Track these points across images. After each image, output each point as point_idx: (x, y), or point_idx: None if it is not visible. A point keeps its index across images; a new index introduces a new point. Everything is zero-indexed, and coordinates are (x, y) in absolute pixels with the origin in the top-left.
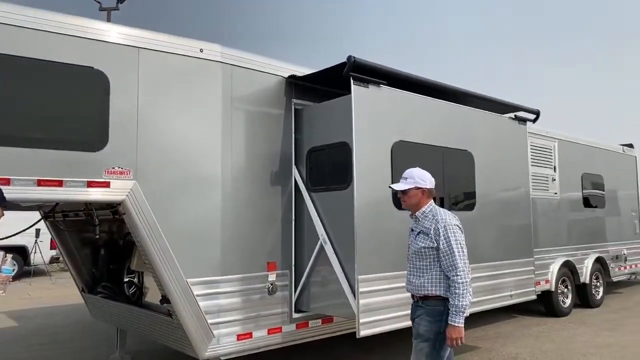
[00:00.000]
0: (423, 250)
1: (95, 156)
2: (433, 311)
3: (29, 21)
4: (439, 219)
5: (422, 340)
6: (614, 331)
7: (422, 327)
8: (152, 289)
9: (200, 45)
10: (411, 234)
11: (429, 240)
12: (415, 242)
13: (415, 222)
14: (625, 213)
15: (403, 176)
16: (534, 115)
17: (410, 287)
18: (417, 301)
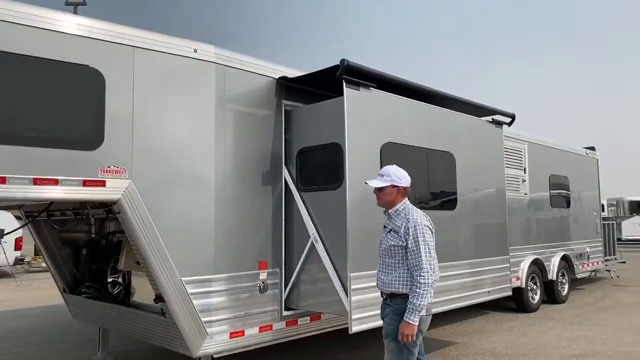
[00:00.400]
0: (392, 248)
1: (91, 155)
2: (399, 310)
3: (25, 18)
4: (410, 218)
5: (392, 339)
6: (581, 325)
7: (390, 326)
8: (140, 288)
9: (194, 46)
10: (383, 230)
11: (398, 238)
12: (385, 239)
13: (388, 219)
14: (587, 213)
15: (379, 173)
16: (510, 118)
17: (379, 283)
18: (386, 299)
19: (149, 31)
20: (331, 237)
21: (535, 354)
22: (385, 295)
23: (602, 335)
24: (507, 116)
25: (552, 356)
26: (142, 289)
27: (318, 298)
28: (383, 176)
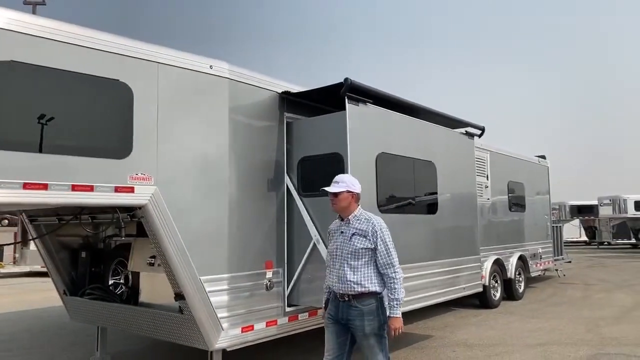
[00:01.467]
0: (361, 251)
1: (121, 163)
2: (370, 310)
3: (64, 35)
4: (374, 222)
5: (370, 337)
6: (538, 318)
7: (368, 327)
8: (149, 288)
9: (210, 62)
10: (340, 236)
11: (367, 241)
12: (350, 243)
13: (346, 224)
14: (540, 216)
15: (335, 180)
16: (480, 130)
17: (343, 286)
18: (349, 300)
19: (171, 49)
20: None
21: (504, 344)
22: (349, 297)
23: (558, 327)
24: (477, 128)
25: (519, 345)
26: (152, 289)
27: (319, 295)
28: (339, 183)
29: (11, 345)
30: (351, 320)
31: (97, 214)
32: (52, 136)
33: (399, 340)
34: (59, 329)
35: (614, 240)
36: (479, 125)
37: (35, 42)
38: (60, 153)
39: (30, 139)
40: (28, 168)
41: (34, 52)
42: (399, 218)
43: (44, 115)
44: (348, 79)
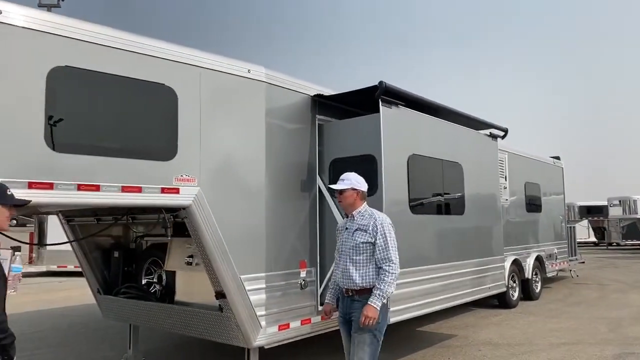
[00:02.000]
0: (362, 246)
1: (167, 165)
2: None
3: (114, 41)
4: (376, 217)
5: (363, 332)
6: (558, 318)
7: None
8: (185, 286)
9: (248, 66)
10: (345, 232)
11: (367, 235)
12: (352, 238)
13: (351, 220)
14: (555, 217)
15: (341, 178)
16: (503, 132)
17: (347, 281)
18: (353, 295)
19: (211, 53)
20: None
21: (529, 344)
22: (352, 292)
23: (580, 326)
24: (500, 130)
25: (544, 345)
26: (188, 287)
27: None
28: (344, 180)
29: (40, 344)
30: (351, 313)
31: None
32: (103, 139)
33: (423, 339)
34: (85, 327)
35: (623, 241)
36: (502, 127)
37: (88, 48)
38: (111, 155)
39: (83, 142)
40: (82, 170)
41: (86, 58)
42: (430, 219)
43: (95, 119)
44: (383, 82)
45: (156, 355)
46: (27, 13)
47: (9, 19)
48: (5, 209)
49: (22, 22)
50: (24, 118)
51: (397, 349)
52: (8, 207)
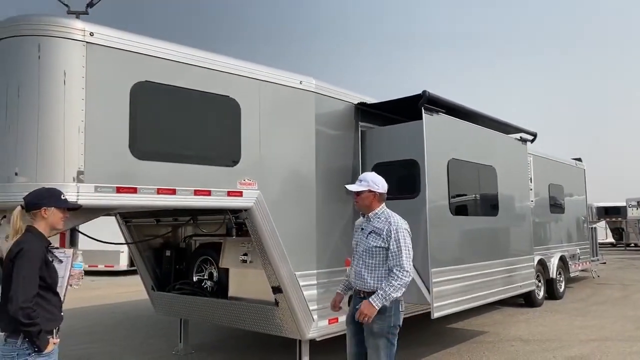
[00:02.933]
0: (374, 249)
1: (232, 170)
2: (382, 309)
3: (185, 57)
4: (392, 221)
5: (377, 337)
6: (584, 316)
7: (376, 326)
8: (239, 283)
9: (300, 78)
10: (361, 232)
11: (380, 240)
12: (366, 240)
13: (367, 222)
14: (577, 218)
15: (358, 179)
16: (532, 136)
17: (359, 282)
18: (365, 297)
19: (268, 67)
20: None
21: (559, 340)
22: (365, 294)
23: (606, 324)
24: (530, 134)
25: (573, 341)
26: (242, 284)
27: None
28: (361, 181)
29: (93, 338)
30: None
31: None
32: (178, 147)
33: (455, 336)
34: (131, 323)
35: None
36: (531, 131)
37: (164, 64)
38: (185, 162)
39: (161, 150)
40: (160, 175)
41: (163, 73)
42: (468, 220)
43: (171, 129)
44: (426, 92)
45: (203, 349)
46: (113, 34)
47: (100, 40)
48: (59, 212)
49: (109, 42)
50: (113, 129)
51: (432, 344)
52: (62, 210)
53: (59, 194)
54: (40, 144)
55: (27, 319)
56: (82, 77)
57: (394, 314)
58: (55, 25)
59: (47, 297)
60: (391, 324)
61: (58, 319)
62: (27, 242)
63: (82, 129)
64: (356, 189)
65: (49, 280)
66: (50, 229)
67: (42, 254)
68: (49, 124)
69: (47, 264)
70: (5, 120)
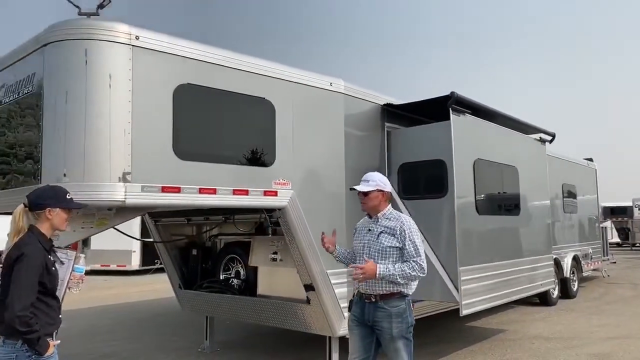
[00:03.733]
0: (388, 250)
1: (267, 171)
2: (398, 312)
3: (223, 60)
4: (404, 220)
5: (397, 340)
6: (600, 315)
7: (395, 330)
8: (267, 281)
9: (330, 80)
10: (368, 234)
11: (395, 240)
12: (377, 241)
13: (375, 223)
14: (589, 217)
15: (364, 179)
16: (551, 137)
17: (369, 285)
18: (375, 302)
19: (300, 69)
20: (436, 237)
21: (578, 338)
22: (376, 298)
23: (622, 323)
24: (549, 134)
25: (593, 338)
26: (271, 282)
27: (424, 288)
28: (369, 181)
29: (114, 336)
30: (378, 322)
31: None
32: (218, 148)
33: (476, 334)
34: (150, 322)
35: None
36: (550, 132)
37: (205, 67)
38: (224, 162)
39: (202, 151)
40: (201, 175)
41: (203, 76)
42: (493, 219)
43: (211, 130)
44: (454, 93)
45: (229, 346)
46: (157, 37)
47: (145, 43)
48: (64, 213)
49: (154, 45)
50: (157, 131)
51: (454, 342)
52: (67, 211)
53: (65, 193)
54: (87, 145)
55: (25, 327)
56: (129, 80)
57: (409, 314)
58: (102, 29)
59: (47, 301)
60: (408, 324)
61: (57, 323)
62: (28, 246)
63: (129, 130)
64: (365, 189)
65: (49, 285)
66: (53, 230)
67: (43, 260)
68: (96, 126)
69: (47, 269)
70: (54, 123)
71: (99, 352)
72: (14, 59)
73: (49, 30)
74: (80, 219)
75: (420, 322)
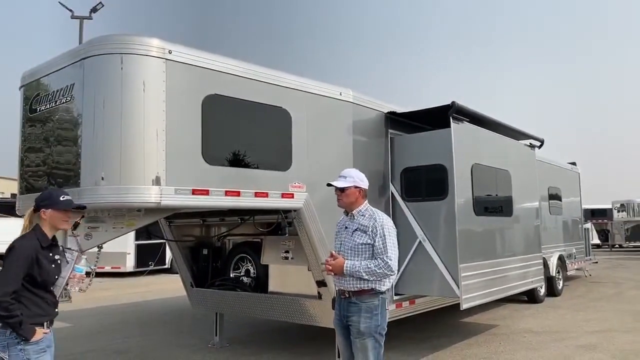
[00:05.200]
0: (361, 247)
1: (284, 174)
2: (368, 307)
3: (246, 72)
4: (377, 217)
5: (365, 337)
6: (585, 311)
7: (363, 325)
8: (278, 278)
9: (339, 90)
10: (344, 231)
11: (367, 237)
12: (351, 239)
13: (351, 220)
14: (573, 219)
15: (342, 175)
16: (540, 142)
17: (343, 282)
18: (349, 297)
19: (313, 80)
20: (437, 237)
21: (566, 331)
22: (349, 294)
23: (607, 318)
24: (538, 140)
25: (580, 332)
26: (283, 279)
27: (426, 284)
28: (346, 177)
29: (125, 333)
30: (349, 316)
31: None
32: (241, 153)
33: (469, 329)
34: (158, 320)
35: (626, 243)
36: (539, 138)
37: (229, 79)
38: (247, 167)
39: (227, 156)
40: (227, 179)
41: (228, 87)
42: (488, 219)
43: (235, 137)
44: (455, 102)
45: (237, 342)
46: (188, 51)
47: (177, 57)
48: (58, 213)
49: (185, 59)
50: (188, 138)
51: (451, 336)
52: (62, 212)
53: (59, 195)
54: (123, 150)
55: (5, 311)
56: (163, 91)
57: (380, 313)
58: (137, 44)
59: (38, 293)
60: (378, 323)
61: (50, 314)
62: (20, 240)
63: (163, 137)
64: (342, 185)
65: (39, 278)
66: (53, 229)
67: (33, 253)
68: (131, 133)
69: (38, 263)
70: (93, 129)
71: (112, 349)
72: (50, 70)
73: (89, 45)
74: (112, 220)
75: (418, 319)
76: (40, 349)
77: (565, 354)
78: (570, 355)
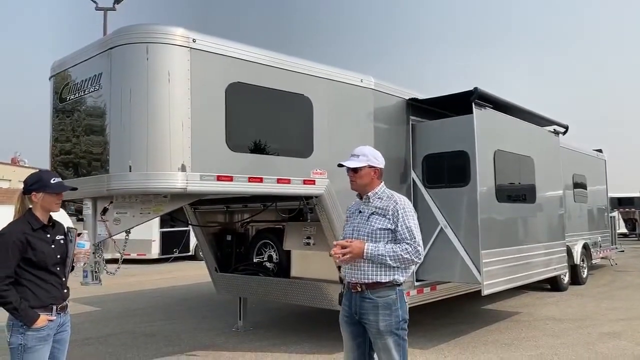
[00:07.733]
0: (379, 232)
1: (306, 161)
2: (386, 303)
3: (268, 60)
4: (397, 199)
5: (386, 337)
6: (610, 300)
7: (382, 323)
8: (300, 264)
9: (360, 77)
10: (359, 216)
11: (386, 221)
12: (367, 223)
13: (366, 203)
14: (599, 207)
15: (354, 153)
16: (564, 129)
17: (356, 273)
18: (362, 291)
19: (333, 67)
20: (459, 223)
21: (589, 319)
22: (362, 287)
23: (632, 306)
24: (562, 127)
25: (604, 320)
26: (305, 265)
27: (448, 270)
28: (359, 156)
29: (151, 318)
30: (364, 314)
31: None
32: (264, 140)
33: (491, 316)
34: (181, 305)
35: None
36: (563, 124)
37: (252, 67)
38: (269, 154)
39: (250, 143)
40: (250, 166)
41: (251, 75)
42: (511, 206)
43: (258, 124)
44: (477, 88)
45: (260, 326)
46: (211, 40)
47: (201, 45)
48: (50, 196)
49: (209, 47)
50: (213, 125)
51: (472, 323)
52: (53, 194)
53: (49, 178)
54: (150, 138)
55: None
56: (188, 79)
57: (400, 307)
58: (162, 33)
59: (40, 275)
60: (399, 319)
61: (57, 296)
62: (9, 226)
63: (188, 125)
64: (354, 165)
65: (35, 259)
66: (45, 212)
67: (22, 237)
68: (158, 121)
69: (31, 245)
70: (120, 118)
71: (140, 332)
72: (79, 60)
73: (115, 35)
74: (139, 206)
75: (439, 305)
76: (41, 336)
77: (588, 341)
78: (594, 342)
